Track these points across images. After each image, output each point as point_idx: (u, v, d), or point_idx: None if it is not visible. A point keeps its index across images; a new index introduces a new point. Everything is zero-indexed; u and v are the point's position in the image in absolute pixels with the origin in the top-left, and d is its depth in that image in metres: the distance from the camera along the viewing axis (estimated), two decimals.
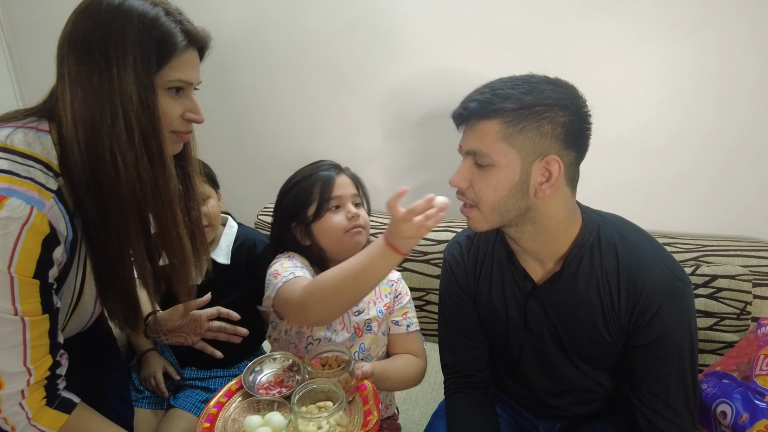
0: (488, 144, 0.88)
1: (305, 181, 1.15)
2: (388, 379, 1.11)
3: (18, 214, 0.70)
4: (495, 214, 0.92)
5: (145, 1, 0.79)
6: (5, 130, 0.77)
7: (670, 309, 0.90)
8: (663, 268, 0.92)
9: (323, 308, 0.94)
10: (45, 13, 1.88)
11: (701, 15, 1.37)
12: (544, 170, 0.89)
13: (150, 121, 0.78)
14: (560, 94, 0.89)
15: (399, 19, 1.58)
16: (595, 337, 0.97)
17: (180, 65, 0.81)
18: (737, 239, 1.48)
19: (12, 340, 0.74)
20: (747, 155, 1.45)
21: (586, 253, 0.95)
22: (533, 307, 1.01)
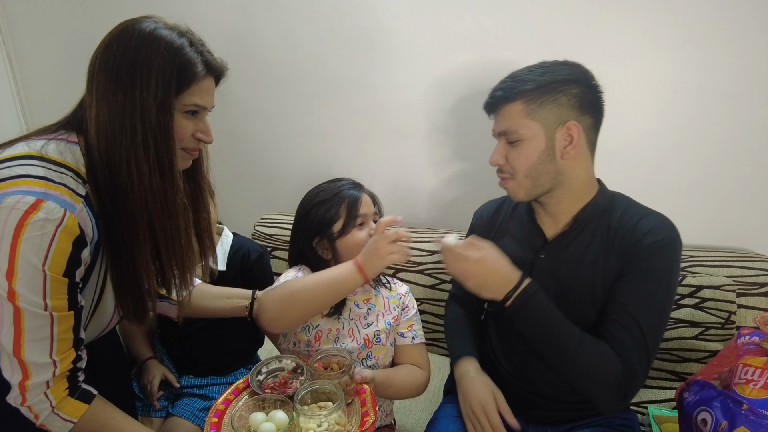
0: (515, 122, 1.05)
1: (332, 200, 1.19)
2: (391, 387, 1.15)
3: (53, 216, 0.76)
4: (529, 180, 1.07)
5: (172, 30, 0.88)
6: (40, 141, 0.85)
7: (661, 249, 1.01)
8: (667, 222, 1.05)
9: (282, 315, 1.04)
10: (43, 14, 1.92)
11: (685, 33, 1.41)
12: (567, 135, 1.04)
13: (165, 139, 0.85)
14: (570, 71, 1.05)
15: (393, 34, 1.63)
16: (589, 298, 1.06)
17: (197, 91, 0.89)
18: (722, 250, 1.52)
19: (41, 333, 0.80)
20: (731, 167, 1.49)
21: (597, 212, 1.09)
22: (540, 264, 1.12)
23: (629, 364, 0.98)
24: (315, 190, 1.26)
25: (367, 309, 1.21)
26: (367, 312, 1.21)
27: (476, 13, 1.53)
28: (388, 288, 1.27)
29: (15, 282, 0.76)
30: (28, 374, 0.81)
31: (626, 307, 1.01)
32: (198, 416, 1.33)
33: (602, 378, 0.99)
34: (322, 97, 1.77)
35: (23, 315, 0.78)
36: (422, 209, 1.82)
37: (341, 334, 1.19)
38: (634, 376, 0.99)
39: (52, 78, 1.96)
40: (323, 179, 1.75)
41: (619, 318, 1.01)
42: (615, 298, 1.03)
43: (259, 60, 1.78)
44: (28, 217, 0.75)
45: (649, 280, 1.00)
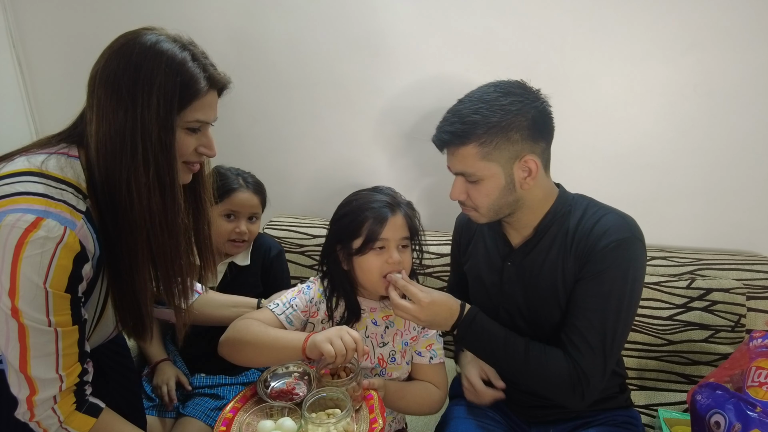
0: (470, 165, 1.04)
1: (360, 212, 1.11)
2: (403, 399, 1.13)
3: (53, 234, 0.76)
4: (492, 212, 1.09)
5: (175, 43, 0.85)
6: (41, 156, 0.83)
7: (613, 251, 1.01)
8: (620, 221, 1.05)
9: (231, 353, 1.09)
10: (52, 17, 1.92)
11: (694, 36, 1.41)
12: (524, 167, 1.04)
13: (166, 158, 0.83)
14: (517, 103, 1.02)
15: (400, 38, 1.63)
16: (554, 301, 1.08)
17: (200, 107, 0.86)
18: (731, 253, 1.52)
19: (46, 349, 0.80)
20: (739, 171, 1.50)
21: (557, 219, 1.10)
22: (509, 270, 1.15)
23: (581, 367, 1.01)
24: (352, 196, 1.18)
25: (384, 327, 1.17)
26: (384, 330, 1.16)
27: (483, 16, 1.54)
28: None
29: (18, 300, 0.76)
30: (35, 389, 0.80)
31: (584, 311, 1.03)
32: (209, 416, 1.33)
33: (553, 383, 1.03)
34: (329, 101, 1.78)
35: (28, 331, 0.78)
36: (429, 212, 1.82)
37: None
38: (589, 378, 1.01)
39: (61, 81, 1.97)
40: (331, 182, 1.76)
41: (576, 321, 1.03)
42: (574, 301, 1.05)
43: (266, 64, 1.79)
44: (28, 235, 0.74)
45: (605, 282, 1.02)
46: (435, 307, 1.05)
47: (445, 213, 1.81)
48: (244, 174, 1.48)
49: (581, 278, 1.04)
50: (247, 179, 1.47)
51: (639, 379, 1.49)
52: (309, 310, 1.17)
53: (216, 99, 0.91)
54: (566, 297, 1.07)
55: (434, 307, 1.04)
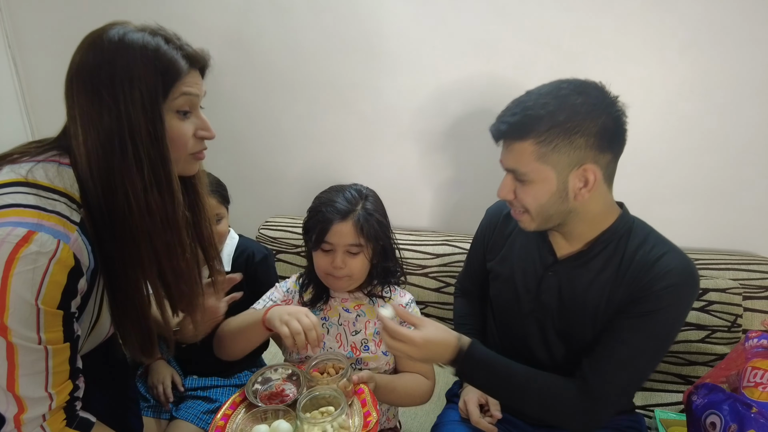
0: (524, 164, 0.96)
1: (316, 211, 1.15)
2: (394, 391, 1.14)
3: (46, 249, 0.72)
4: (541, 218, 1.01)
5: (143, 31, 0.81)
6: (26, 165, 0.79)
7: (672, 293, 0.94)
8: (683, 260, 0.97)
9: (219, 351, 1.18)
10: (48, 18, 1.92)
11: (690, 36, 1.41)
12: (582, 177, 0.95)
13: (159, 150, 0.80)
14: (590, 105, 0.92)
15: (397, 38, 1.63)
16: (590, 320, 1.02)
17: (183, 86, 0.83)
18: (728, 253, 1.52)
19: (35, 367, 0.76)
20: (737, 171, 1.50)
21: (614, 240, 1.02)
22: (549, 280, 1.08)
23: (595, 397, 0.96)
24: (322, 192, 1.22)
25: (356, 315, 1.20)
26: (356, 318, 1.20)
27: (481, 17, 1.54)
28: (386, 299, 1.22)
29: (7, 317, 0.71)
30: (24, 408, 0.77)
31: (619, 345, 0.96)
32: (201, 419, 1.32)
33: (558, 411, 0.99)
34: (326, 102, 1.78)
35: (17, 350, 0.73)
36: (426, 213, 1.82)
37: (327, 339, 1.19)
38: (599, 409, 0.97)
39: (57, 82, 1.95)
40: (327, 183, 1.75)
41: (606, 352, 0.97)
42: (612, 331, 0.99)
43: (263, 64, 1.79)
44: (20, 250, 0.70)
45: (655, 323, 0.95)
46: (431, 345, 0.98)
47: (443, 213, 1.81)
48: None
49: (627, 312, 0.97)
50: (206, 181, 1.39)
51: None
52: (286, 300, 1.25)
53: (199, 77, 0.87)
54: (604, 321, 1.01)
55: (429, 346, 0.98)
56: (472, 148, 1.68)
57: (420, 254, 1.66)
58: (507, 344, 1.19)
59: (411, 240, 1.69)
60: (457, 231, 1.75)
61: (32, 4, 1.92)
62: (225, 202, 1.42)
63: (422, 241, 1.69)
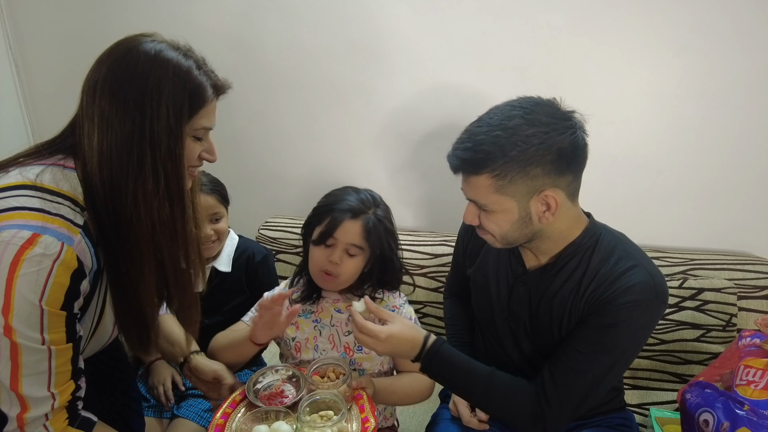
0: (482, 196, 0.97)
1: (326, 206, 1.16)
2: (394, 393, 1.16)
3: (51, 251, 0.74)
4: (505, 241, 1.02)
5: (178, 52, 0.83)
6: (35, 168, 0.81)
7: (631, 309, 0.94)
8: (646, 277, 0.96)
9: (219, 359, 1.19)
10: (49, 18, 1.93)
11: (686, 38, 1.43)
12: (543, 202, 0.95)
13: (176, 167, 0.82)
14: (542, 134, 0.90)
15: (396, 39, 1.64)
16: (556, 329, 1.04)
17: (205, 114, 0.86)
18: (723, 253, 1.53)
19: (38, 367, 0.77)
20: (732, 171, 1.51)
21: (579, 253, 1.02)
22: (518, 291, 1.10)
23: (550, 402, 0.97)
24: (334, 190, 1.21)
25: (348, 315, 1.19)
26: (348, 318, 1.19)
27: (478, 18, 1.55)
28: (377, 300, 1.21)
29: (11, 318, 0.73)
30: (27, 407, 0.78)
31: (577, 353, 0.97)
32: (202, 417, 1.33)
33: (514, 413, 1.01)
34: (326, 102, 1.79)
35: (20, 350, 0.75)
36: (424, 213, 1.84)
37: (320, 341, 1.20)
38: (555, 414, 0.98)
39: (58, 83, 1.98)
40: (326, 183, 1.76)
41: (565, 359, 0.98)
42: (571, 339, 1.00)
43: (263, 65, 1.80)
44: (24, 252, 0.72)
45: (612, 337, 0.95)
46: (393, 340, 1.01)
47: (442, 213, 1.82)
48: None
49: (587, 323, 0.98)
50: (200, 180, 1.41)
51: (632, 378, 1.50)
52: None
53: (215, 106, 0.91)
54: (567, 330, 1.03)
55: (393, 340, 1.01)
56: None
57: (418, 254, 1.67)
58: (488, 345, 1.21)
59: (409, 240, 1.71)
60: (455, 231, 1.76)
61: (33, 4, 1.93)
62: (224, 201, 1.43)
63: (420, 242, 1.70)
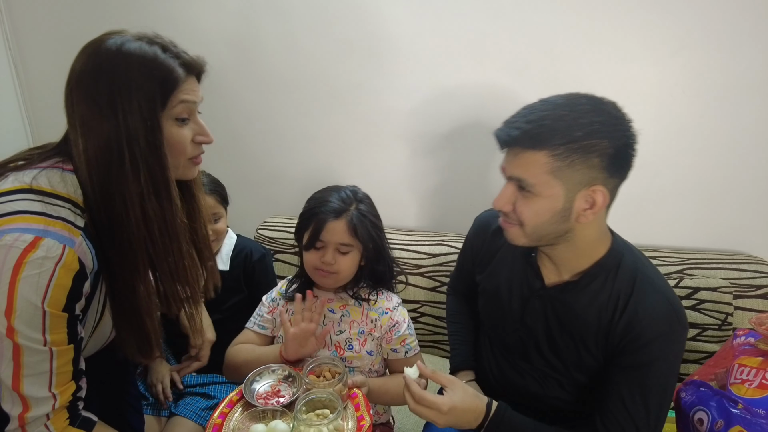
0: (534, 174, 0.90)
1: (310, 211, 1.17)
2: (387, 393, 1.17)
3: (52, 254, 0.75)
4: (535, 235, 0.96)
5: (141, 40, 0.82)
6: (32, 172, 0.81)
7: (661, 344, 0.93)
8: (669, 307, 0.95)
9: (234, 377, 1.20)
10: (48, 18, 1.93)
11: (682, 39, 1.43)
12: (589, 198, 0.91)
13: (157, 158, 0.81)
14: (609, 125, 0.88)
15: (394, 40, 1.65)
16: (582, 348, 1.02)
17: (181, 93, 0.84)
18: (719, 252, 1.54)
19: (40, 368, 0.79)
20: (728, 171, 1.51)
21: (603, 273, 0.99)
22: (534, 305, 1.06)
23: None
24: (315, 193, 1.23)
25: (341, 315, 1.22)
26: (340, 318, 1.22)
27: (475, 18, 1.56)
28: (371, 302, 1.23)
29: (14, 320, 0.74)
30: (28, 407, 0.79)
31: (624, 402, 0.95)
32: (200, 415, 1.34)
33: None
34: (324, 102, 1.80)
35: (22, 351, 0.76)
36: (421, 213, 1.84)
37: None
38: None
39: (57, 82, 1.97)
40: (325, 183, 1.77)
41: (617, 413, 0.96)
42: (614, 388, 0.97)
43: (262, 65, 1.80)
44: (27, 255, 0.73)
45: (651, 375, 0.94)
46: (456, 412, 0.94)
47: (439, 213, 1.83)
48: None
49: (622, 364, 0.96)
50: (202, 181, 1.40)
51: None
52: (272, 310, 1.28)
53: (196, 84, 0.88)
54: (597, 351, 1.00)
55: (456, 412, 0.94)
56: (467, 149, 1.70)
57: (415, 254, 1.68)
58: (495, 351, 1.20)
59: (407, 240, 1.71)
60: (453, 231, 1.77)
61: (32, 5, 1.94)
62: (224, 201, 1.44)
63: (418, 241, 1.71)
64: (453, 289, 1.43)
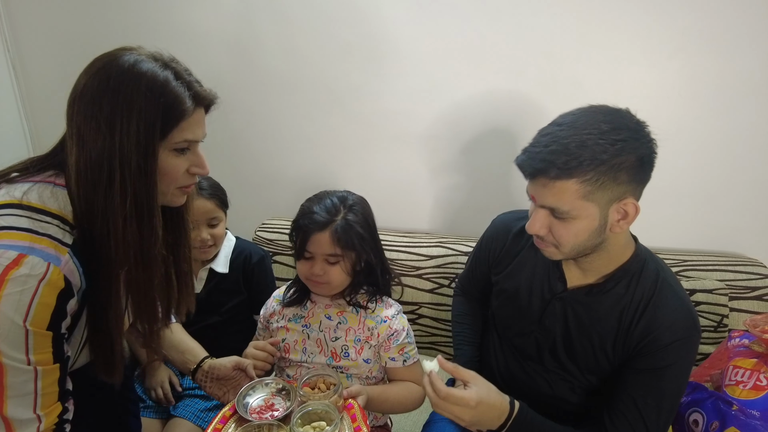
0: (567, 202, 0.91)
1: (297, 223, 1.17)
2: (387, 402, 1.17)
3: (36, 272, 0.73)
4: (574, 252, 0.98)
5: (155, 62, 0.80)
6: (23, 186, 0.80)
7: (678, 349, 0.96)
8: (687, 314, 0.98)
9: None
10: (47, 20, 1.93)
11: (678, 41, 1.44)
12: (621, 210, 0.93)
13: (145, 186, 0.80)
14: (631, 140, 0.89)
15: (393, 42, 1.65)
16: (600, 352, 1.03)
17: (188, 126, 0.82)
18: (716, 254, 1.55)
19: (24, 388, 0.76)
20: (724, 173, 1.52)
21: (626, 277, 1.01)
22: (554, 307, 1.08)
23: None
24: (305, 201, 1.21)
25: (337, 322, 1.21)
26: (336, 325, 1.21)
27: (475, 21, 1.56)
28: (368, 310, 1.22)
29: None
30: (12, 430, 0.76)
31: (636, 403, 0.98)
32: (199, 417, 1.35)
33: None
34: (323, 104, 1.80)
35: (6, 371, 0.74)
36: (421, 215, 1.85)
37: (308, 344, 1.21)
38: None
39: (56, 85, 1.98)
40: (324, 185, 1.78)
41: (627, 412, 0.98)
42: (626, 389, 0.99)
43: (261, 67, 1.81)
44: (9, 272, 0.71)
45: (666, 379, 0.97)
46: (483, 407, 0.94)
47: (438, 215, 1.84)
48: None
49: (637, 367, 0.99)
50: (200, 185, 1.38)
51: None
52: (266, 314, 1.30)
53: (203, 116, 0.87)
54: (613, 355, 1.02)
55: (482, 407, 0.94)
56: (466, 151, 1.71)
57: (415, 256, 1.68)
58: (506, 352, 1.21)
59: (406, 242, 1.72)
60: (452, 233, 1.78)
61: (31, 8, 1.94)
62: (223, 206, 1.44)
63: (417, 243, 1.71)
64: (462, 289, 1.42)
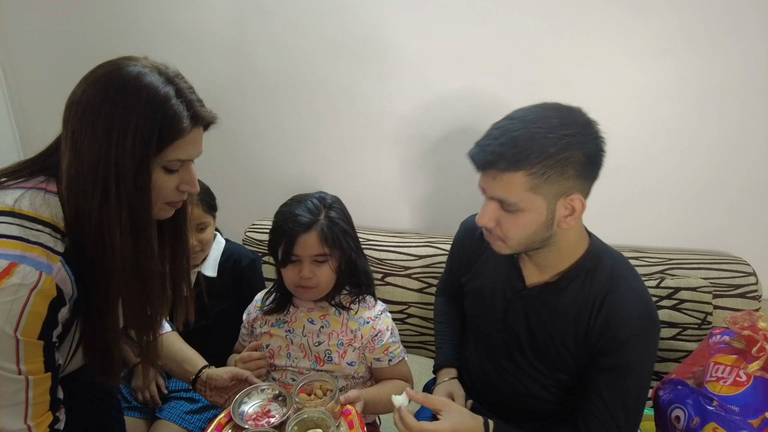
0: (514, 194, 0.93)
1: (278, 228, 1.16)
2: (380, 403, 1.17)
3: (28, 281, 0.72)
4: (521, 246, 1.00)
5: (159, 77, 0.79)
6: (15, 193, 0.78)
7: (635, 345, 0.97)
8: (643, 309, 0.99)
9: None
10: (37, 20, 1.93)
11: (664, 42, 1.46)
12: (569, 206, 0.95)
13: (140, 200, 0.79)
14: (580, 136, 0.91)
15: (383, 44, 1.66)
16: (562, 349, 1.05)
17: (183, 145, 0.81)
18: (700, 252, 1.56)
19: (15, 398, 0.75)
20: (710, 173, 1.54)
21: (582, 275, 1.03)
22: (516, 306, 1.10)
23: None
24: (282, 206, 1.21)
25: (320, 326, 1.21)
26: (319, 329, 1.21)
27: (464, 23, 1.57)
28: (351, 311, 1.22)
29: None
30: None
31: (605, 402, 0.99)
32: (184, 419, 1.35)
33: None
34: (313, 106, 1.81)
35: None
36: (409, 215, 1.86)
37: (292, 349, 1.21)
38: None
39: (46, 89, 1.98)
40: (313, 185, 1.79)
41: (598, 413, 1.00)
42: (595, 389, 1.01)
43: (252, 69, 1.81)
44: (0, 282, 0.70)
45: (627, 374, 0.98)
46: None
47: (427, 216, 1.85)
48: None
49: (600, 366, 1.00)
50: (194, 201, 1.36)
51: None
52: (250, 320, 1.30)
53: (201, 135, 0.86)
54: (576, 352, 1.04)
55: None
56: (454, 152, 1.72)
57: (403, 255, 1.69)
58: (479, 352, 1.22)
59: (394, 242, 1.73)
60: (440, 233, 1.79)
61: (21, 10, 1.93)
62: (211, 210, 1.44)
63: (405, 243, 1.72)
64: (442, 290, 1.45)
